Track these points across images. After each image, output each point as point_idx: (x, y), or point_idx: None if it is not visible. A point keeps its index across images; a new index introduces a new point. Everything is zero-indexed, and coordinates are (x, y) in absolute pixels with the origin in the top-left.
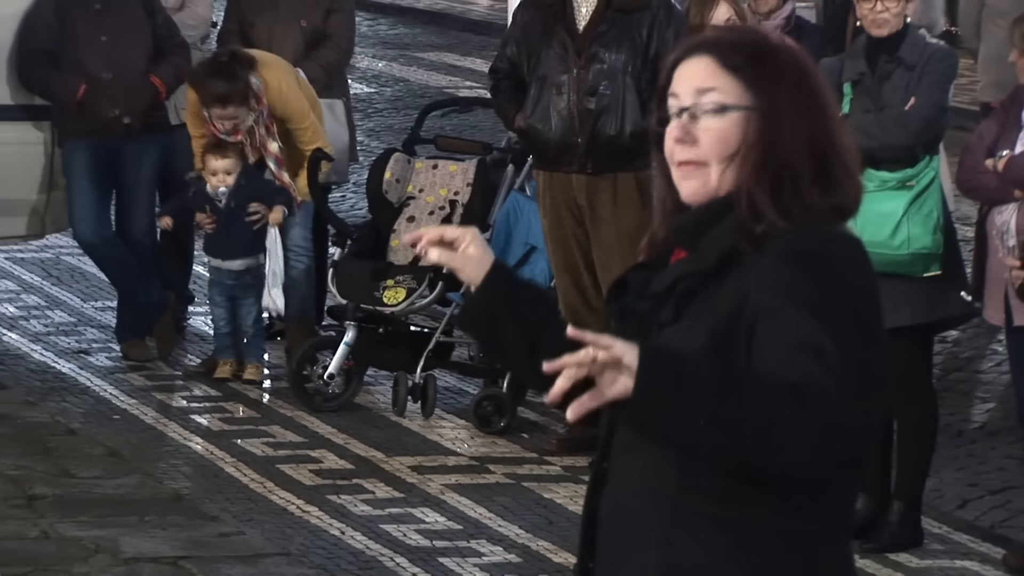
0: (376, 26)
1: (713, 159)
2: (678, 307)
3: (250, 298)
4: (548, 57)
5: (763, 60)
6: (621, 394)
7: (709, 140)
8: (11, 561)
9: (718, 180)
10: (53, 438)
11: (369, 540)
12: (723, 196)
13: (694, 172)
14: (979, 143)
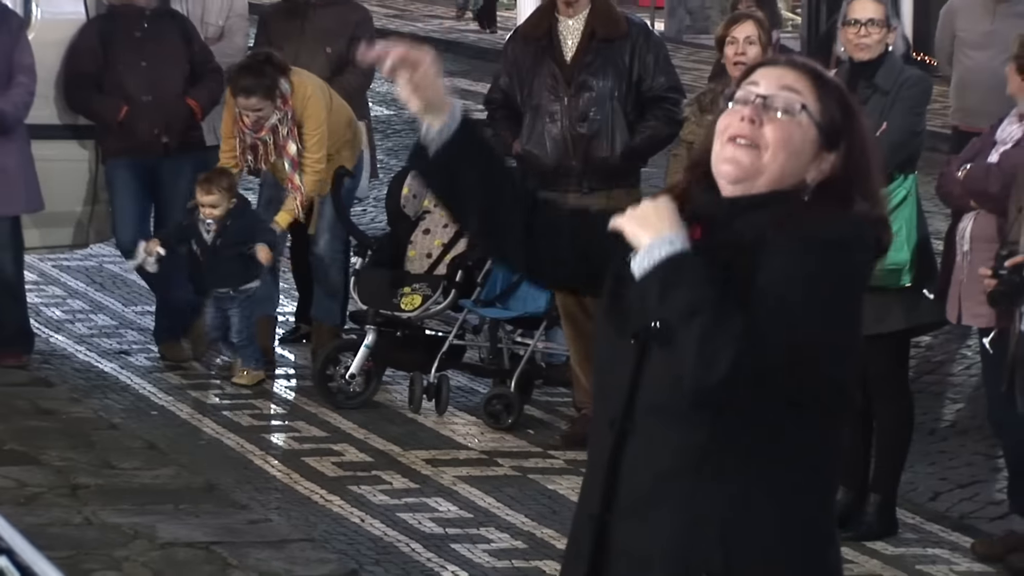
0: None
1: (769, 147)
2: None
3: (235, 310)
4: (540, 87)
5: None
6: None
7: (774, 130)
8: (57, 545)
9: (769, 177)
10: (96, 432)
11: (387, 527)
12: (779, 191)
13: (744, 151)
14: (962, 156)
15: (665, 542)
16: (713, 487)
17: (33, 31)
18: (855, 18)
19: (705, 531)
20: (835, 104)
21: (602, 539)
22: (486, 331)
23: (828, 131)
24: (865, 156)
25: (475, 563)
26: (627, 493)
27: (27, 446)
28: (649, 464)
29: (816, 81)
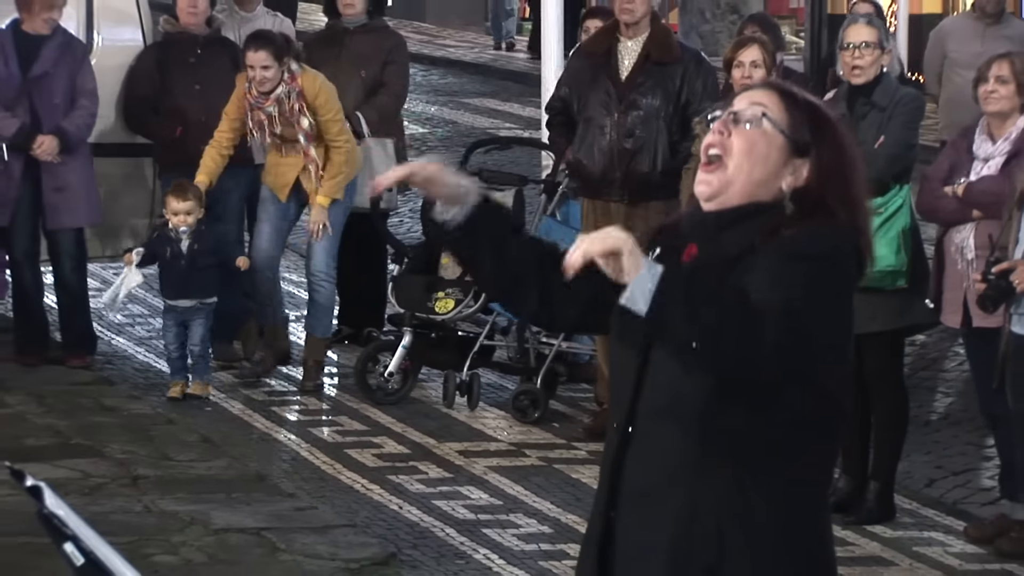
0: (429, 76)
1: (734, 155)
2: None
3: (199, 320)
4: (595, 101)
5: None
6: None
7: (738, 138)
8: (119, 532)
9: (740, 187)
10: (154, 427)
11: (423, 513)
12: (757, 202)
13: (713, 173)
14: (935, 174)
15: (664, 537)
16: (709, 485)
17: (95, 57)
18: (850, 42)
19: (702, 527)
20: (803, 115)
21: (609, 533)
22: (514, 332)
23: (795, 139)
24: (842, 165)
25: (505, 547)
26: (630, 490)
27: (91, 440)
28: (650, 463)
29: (783, 96)
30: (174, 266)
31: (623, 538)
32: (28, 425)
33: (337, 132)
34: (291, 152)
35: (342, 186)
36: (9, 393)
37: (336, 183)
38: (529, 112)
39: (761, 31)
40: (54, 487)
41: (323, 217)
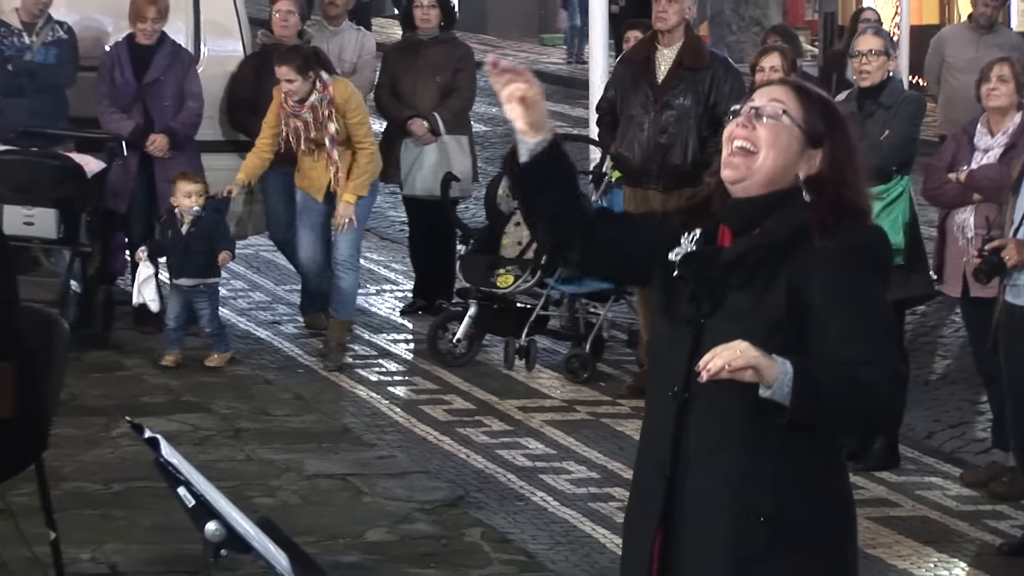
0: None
1: (762, 147)
2: (749, 274)
3: (204, 303)
4: (635, 102)
5: (828, 110)
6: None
7: (763, 130)
8: (224, 478)
9: (765, 173)
10: (254, 386)
11: (487, 461)
12: (779, 190)
13: (743, 157)
14: (940, 162)
15: (725, 490)
16: (765, 442)
17: (201, 65)
18: (860, 50)
19: (758, 480)
20: (817, 111)
21: (672, 488)
22: (566, 303)
23: (810, 132)
24: (850, 155)
25: (558, 490)
26: (691, 450)
27: (200, 398)
28: (709, 425)
29: (799, 93)
30: (175, 247)
31: (685, 494)
32: (145, 385)
33: (363, 135)
34: (322, 155)
35: (367, 184)
36: (128, 357)
37: (362, 182)
38: (577, 112)
39: (782, 40)
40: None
41: (349, 212)
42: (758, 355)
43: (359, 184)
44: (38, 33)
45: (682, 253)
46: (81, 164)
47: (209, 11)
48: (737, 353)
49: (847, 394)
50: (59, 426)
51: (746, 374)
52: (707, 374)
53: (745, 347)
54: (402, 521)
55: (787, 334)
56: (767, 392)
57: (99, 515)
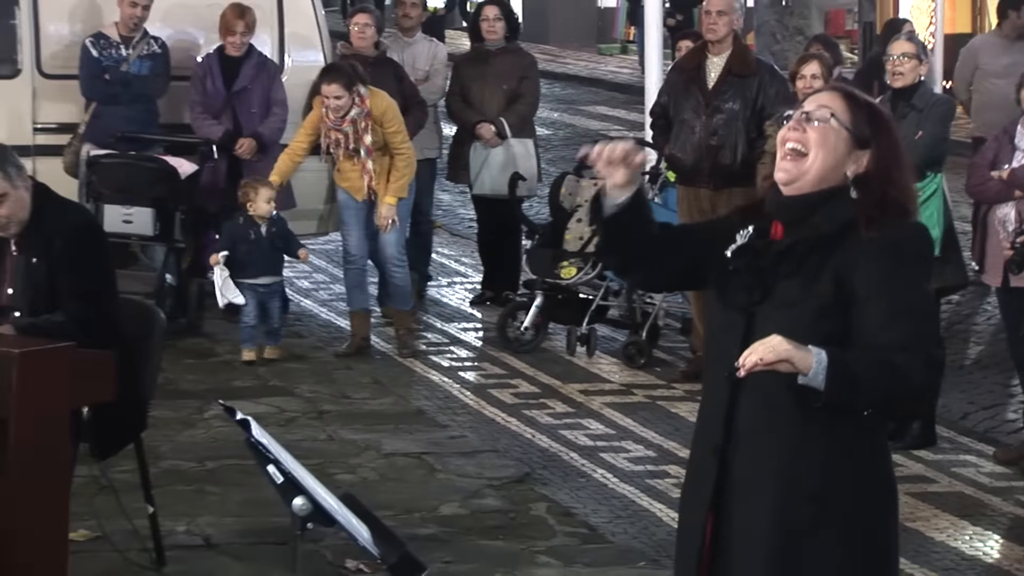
0: (552, 88)
1: (812, 148)
2: (798, 264)
3: (275, 300)
4: (687, 107)
5: (874, 113)
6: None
7: (813, 132)
8: (308, 456)
9: (815, 173)
10: (335, 371)
11: (551, 441)
12: (829, 188)
13: (794, 160)
14: (983, 161)
15: (774, 467)
16: (814, 422)
17: (286, 75)
18: (893, 53)
19: (807, 459)
20: (864, 114)
21: (724, 466)
22: (624, 294)
23: (857, 134)
24: (896, 156)
25: (618, 467)
26: (743, 428)
27: (285, 382)
28: (760, 405)
29: (846, 98)
30: (258, 248)
31: (736, 472)
32: (234, 370)
33: (400, 141)
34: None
35: (406, 187)
36: (219, 344)
37: (400, 184)
38: (633, 116)
39: (824, 48)
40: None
41: (392, 213)
42: (790, 348)
43: (399, 187)
44: (134, 46)
45: (736, 246)
46: (175, 166)
47: (293, 24)
48: (770, 348)
49: (881, 379)
50: (156, 408)
51: (780, 366)
52: (744, 370)
53: (778, 342)
54: (473, 496)
55: (833, 321)
56: (804, 379)
57: (193, 491)
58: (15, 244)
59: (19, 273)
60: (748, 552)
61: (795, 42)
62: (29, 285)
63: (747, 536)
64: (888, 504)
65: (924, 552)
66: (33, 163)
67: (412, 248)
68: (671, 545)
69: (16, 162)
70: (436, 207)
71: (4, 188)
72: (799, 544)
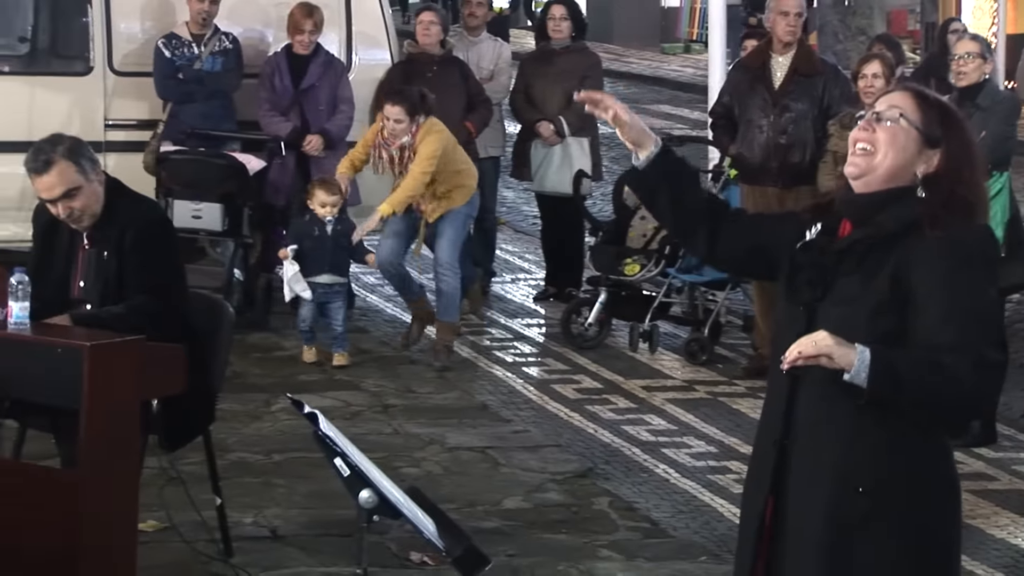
0: (616, 86)
1: (881, 147)
2: (858, 261)
3: (337, 303)
4: (753, 106)
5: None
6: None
7: (882, 132)
8: (373, 449)
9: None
10: (400, 366)
11: (614, 436)
12: (897, 187)
13: (863, 156)
14: None
15: (831, 459)
16: (868, 417)
17: (353, 73)
18: (958, 53)
19: (863, 453)
20: (935, 114)
21: (782, 459)
22: (686, 291)
23: (927, 133)
24: (967, 155)
25: (679, 463)
26: (802, 421)
27: (351, 376)
28: (819, 399)
29: (917, 98)
30: (322, 246)
31: (793, 465)
32: (301, 364)
33: (419, 167)
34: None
35: (403, 203)
36: (285, 339)
37: (398, 197)
38: (696, 115)
39: (887, 48)
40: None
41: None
42: (831, 344)
43: (395, 200)
44: (206, 44)
45: (802, 242)
46: (244, 163)
47: (360, 23)
48: (811, 343)
49: (926, 378)
50: (224, 402)
51: (821, 361)
52: (786, 363)
53: (821, 337)
54: (536, 490)
55: (889, 318)
56: (847, 376)
57: (260, 483)
58: (87, 237)
59: (90, 266)
60: (801, 542)
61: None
62: (100, 278)
63: (801, 527)
64: (949, 501)
65: (984, 549)
66: (104, 159)
67: (476, 245)
68: (732, 540)
69: (90, 156)
70: (500, 204)
71: (78, 181)
72: (850, 537)
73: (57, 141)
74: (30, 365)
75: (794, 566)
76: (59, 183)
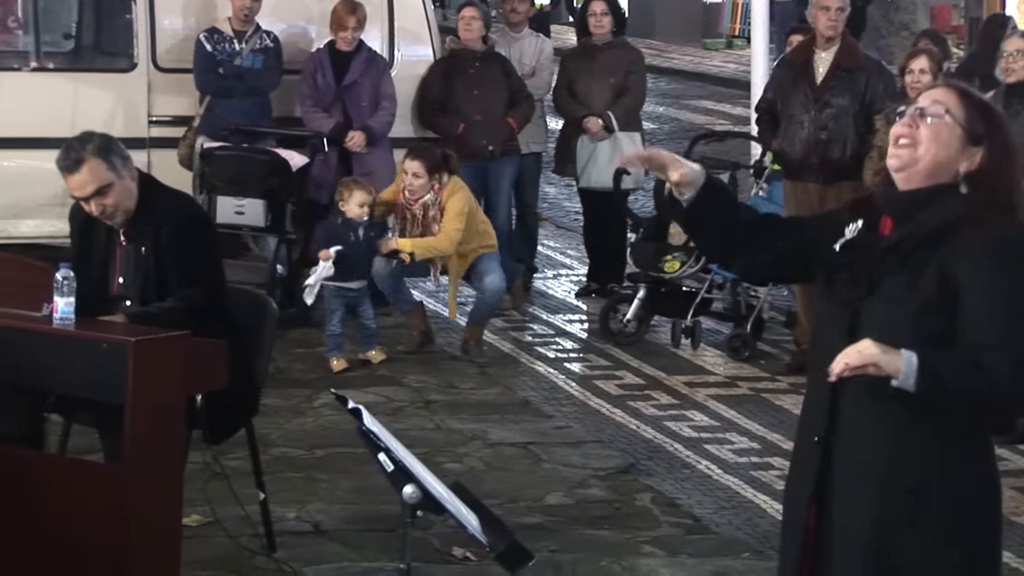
0: (658, 82)
1: (923, 141)
2: (903, 260)
3: (366, 303)
4: (795, 102)
5: (989, 111)
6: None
7: (925, 128)
8: (415, 445)
9: (925, 166)
10: (442, 362)
11: (656, 432)
12: (940, 184)
13: (906, 148)
14: None
15: (876, 460)
16: (916, 417)
17: (395, 69)
18: (1007, 51)
19: (908, 452)
20: (978, 111)
21: (827, 457)
22: (728, 287)
23: (971, 130)
24: (1009, 153)
25: (722, 459)
26: (847, 423)
27: (393, 372)
28: (863, 401)
29: (960, 95)
30: (357, 251)
31: (837, 465)
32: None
33: (449, 226)
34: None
35: (427, 252)
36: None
37: (425, 245)
38: (738, 111)
39: (932, 43)
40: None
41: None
42: (877, 352)
43: (422, 245)
44: (247, 40)
45: (843, 241)
46: (287, 159)
47: (402, 19)
48: (857, 352)
49: (967, 379)
50: (266, 397)
51: (869, 370)
52: (833, 376)
53: (866, 346)
54: (578, 486)
55: (936, 318)
56: (896, 383)
57: (303, 478)
58: (123, 234)
59: (128, 262)
60: (847, 544)
61: (900, 37)
62: (138, 274)
63: (846, 528)
64: (991, 499)
65: None
66: (148, 155)
67: (518, 240)
68: (775, 536)
69: (122, 152)
70: (542, 200)
71: (109, 178)
72: (897, 536)
73: (87, 139)
74: (76, 360)
75: (840, 566)
76: (90, 181)
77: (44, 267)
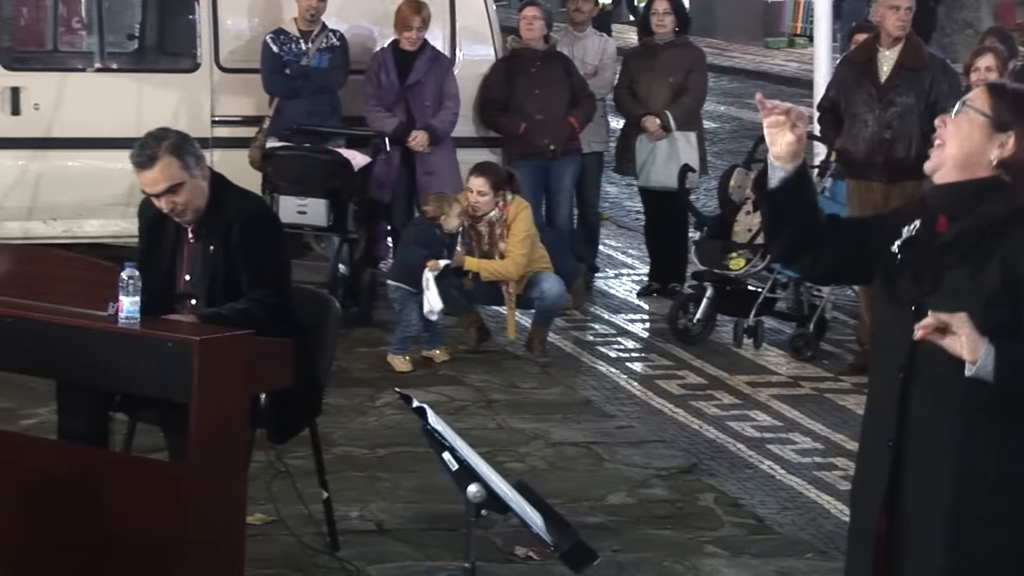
0: (719, 81)
1: (947, 139)
2: (964, 254)
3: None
4: (858, 101)
5: (1020, 99)
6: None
7: (949, 124)
8: (477, 444)
9: (951, 160)
10: (504, 361)
11: (719, 432)
12: (986, 177)
13: (937, 149)
14: None
15: (949, 457)
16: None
17: (458, 68)
18: None
19: (981, 447)
20: (1007, 101)
21: (898, 460)
22: (792, 286)
23: (996, 118)
24: None
25: (785, 459)
26: (916, 422)
27: (455, 372)
28: (932, 398)
29: (990, 90)
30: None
31: (909, 465)
32: None
33: (516, 250)
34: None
35: (493, 275)
36: (389, 333)
37: (492, 269)
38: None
39: (999, 41)
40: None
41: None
42: (970, 328)
43: (489, 268)
44: (313, 40)
45: (902, 240)
46: (349, 159)
47: (464, 19)
48: (953, 315)
49: None
50: (329, 396)
51: (952, 343)
52: (922, 331)
53: (965, 316)
54: (640, 486)
55: (1001, 310)
56: (971, 371)
57: (366, 477)
58: (192, 232)
59: (196, 261)
60: (923, 545)
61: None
62: (206, 272)
63: (922, 529)
64: None
65: None
66: (211, 155)
67: (579, 240)
68: (839, 537)
69: (195, 151)
70: (603, 199)
71: (181, 177)
72: (975, 535)
73: (163, 136)
74: (141, 359)
75: (917, 568)
76: (163, 178)
77: (109, 266)
